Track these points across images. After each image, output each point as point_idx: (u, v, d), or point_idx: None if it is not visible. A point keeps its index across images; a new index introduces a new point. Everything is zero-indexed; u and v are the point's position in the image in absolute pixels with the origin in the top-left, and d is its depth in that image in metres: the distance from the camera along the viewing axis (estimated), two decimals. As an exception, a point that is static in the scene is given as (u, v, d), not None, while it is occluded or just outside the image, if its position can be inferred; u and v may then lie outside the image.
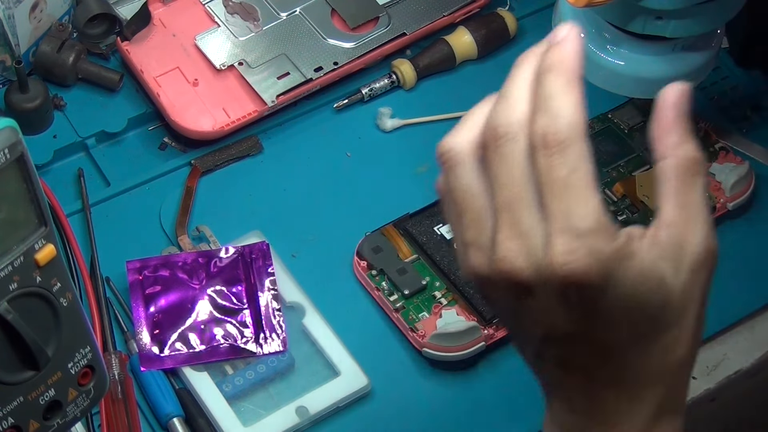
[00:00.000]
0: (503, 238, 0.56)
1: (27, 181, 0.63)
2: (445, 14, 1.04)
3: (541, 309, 0.57)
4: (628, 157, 0.97)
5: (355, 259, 0.91)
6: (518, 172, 0.57)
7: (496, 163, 0.57)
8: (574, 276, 0.55)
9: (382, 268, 0.90)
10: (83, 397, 0.70)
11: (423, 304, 0.89)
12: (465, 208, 0.59)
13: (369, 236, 0.91)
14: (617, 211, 0.94)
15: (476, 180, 0.59)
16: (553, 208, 0.55)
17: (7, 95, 0.96)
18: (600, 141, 0.98)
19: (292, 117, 1.00)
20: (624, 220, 0.93)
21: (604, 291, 0.56)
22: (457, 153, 0.60)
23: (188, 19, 1.02)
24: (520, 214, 0.56)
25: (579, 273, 0.55)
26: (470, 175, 0.59)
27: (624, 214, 0.94)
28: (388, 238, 0.92)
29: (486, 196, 0.58)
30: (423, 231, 0.92)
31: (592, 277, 0.55)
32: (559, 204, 0.55)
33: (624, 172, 0.97)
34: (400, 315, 0.88)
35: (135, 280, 0.89)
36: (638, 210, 0.94)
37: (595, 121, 0.99)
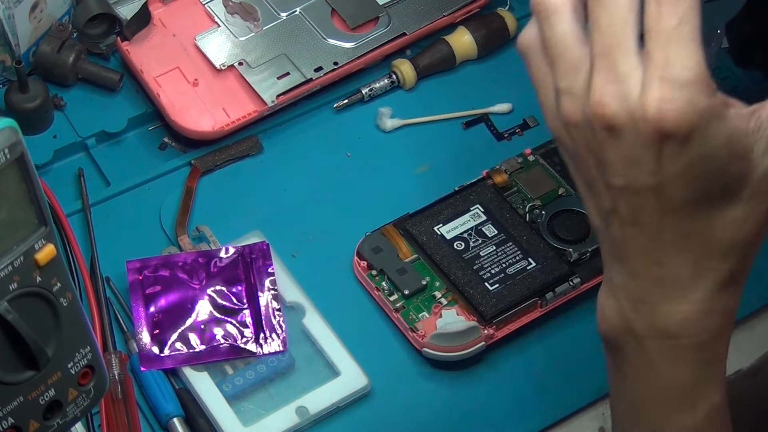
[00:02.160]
0: (600, 82, 0.57)
1: (27, 181, 0.62)
2: (445, 14, 1.04)
3: (626, 158, 0.58)
4: None
5: (355, 259, 0.91)
6: (620, 17, 0.57)
7: (597, 7, 0.58)
8: (666, 123, 0.56)
9: (382, 268, 0.90)
10: (83, 397, 0.70)
11: (423, 304, 0.89)
12: (560, 56, 0.60)
13: (369, 236, 0.91)
14: None
15: (573, 27, 0.59)
16: (656, 56, 0.56)
17: (7, 95, 0.96)
18: None
19: (292, 117, 1.00)
20: None
21: (691, 144, 0.57)
22: (554, 1, 0.60)
23: (188, 19, 1.02)
24: (619, 59, 0.57)
25: (672, 121, 0.56)
26: (567, 24, 0.60)
27: None
28: (388, 238, 0.92)
29: (582, 45, 0.59)
30: (423, 231, 0.92)
31: (683, 127, 0.56)
32: (663, 52, 0.56)
33: None
34: (400, 315, 0.88)
35: (135, 280, 0.89)
36: None
37: None
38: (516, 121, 1.01)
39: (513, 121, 1.01)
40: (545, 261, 0.90)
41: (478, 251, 0.90)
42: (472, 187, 0.94)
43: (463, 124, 1.01)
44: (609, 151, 0.59)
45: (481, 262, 0.90)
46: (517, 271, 0.90)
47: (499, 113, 1.02)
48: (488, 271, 0.90)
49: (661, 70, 0.56)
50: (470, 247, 0.91)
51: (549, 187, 0.95)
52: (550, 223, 0.92)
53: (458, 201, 0.93)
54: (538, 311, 0.89)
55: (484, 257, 0.90)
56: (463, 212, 0.93)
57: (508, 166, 0.95)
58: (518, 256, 0.90)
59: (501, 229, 0.92)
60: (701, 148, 0.57)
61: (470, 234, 0.91)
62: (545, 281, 0.89)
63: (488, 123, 1.01)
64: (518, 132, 1.01)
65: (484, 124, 1.01)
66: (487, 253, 0.90)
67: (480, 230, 0.92)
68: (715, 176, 0.59)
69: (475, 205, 0.93)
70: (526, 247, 0.91)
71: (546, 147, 0.97)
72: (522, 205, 0.94)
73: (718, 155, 0.58)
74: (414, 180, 0.97)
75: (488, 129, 1.01)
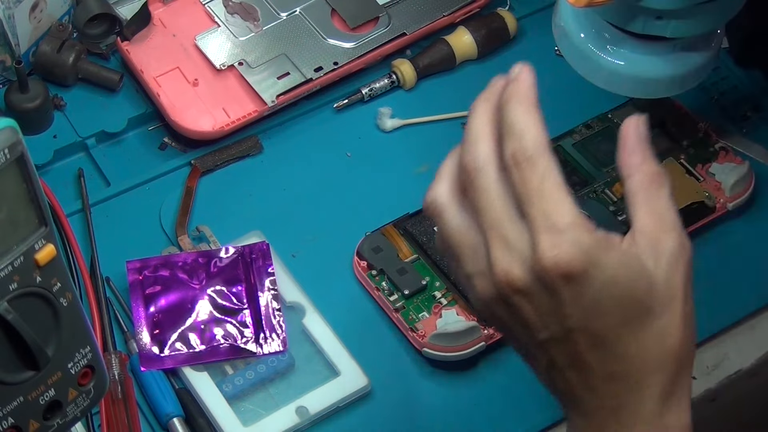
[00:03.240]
0: (495, 254, 0.64)
1: (27, 181, 0.63)
2: (445, 14, 1.04)
3: (542, 311, 0.63)
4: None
5: (355, 259, 0.91)
6: (495, 196, 0.64)
7: (475, 196, 0.65)
8: (560, 265, 0.62)
9: (382, 268, 0.90)
10: (83, 397, 0.70)
11: (423, 304, 0.89)
12: (460, 245, 0.66)
13: (369, 236, 0.91)
14: (617, 211, 0.94)
15: (463, 219, 0.66)
16: (533, 214, 0.63)
17: (7, 95, 0.96)
18: (600, 141, 0.98)
19: (292, 117, 1.00)
20: (624, 220, 0.93)
21: (590, 278, 0.62)
22: (440, 203, 0.68)
23: (188, 19, 1.02)
24: (505, 229, 0.64)
25: (564, 262, 0.62)
26: (456, 217, 0.67)
27: (624, 214, 0.94)
28: (388, 238, 0.92)
29: (475, 230, 0.65)
30: (423, 231, 0.92)
31: (576, 265, 0.62)
32: (537, 209, 0.63)
33: None
34: (400, 315, 0.88)
35: (135, 280, 0.89)
36: None
37: (595, 120, 0.99)
38: (516, 121, 1.01)
39: (513, 121, 1.01)
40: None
41: None
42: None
43: (463, 124, 1.01)
44: (526, 312, 0.64)
45: None
46: None
47: (499, 113, 1.02)
48: None
49: (541, 223, 0.62)
50: None
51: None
52: None
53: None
54: None
55: None
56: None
57: None
58: None
59: None
60: (600, 278, 0.62)
61: None
62: None
63: (488, 123, 1.01)
64: (518, 132, 1.01)
65: (484, 124, 1.01)
66: None
67: None
68: (623, 299, 0.63)
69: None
70: None
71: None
72: None
73: (617, 280, 0.63)
74: (414, 180, 0.97)
75: (488, 129, 1.01)
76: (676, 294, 0.64)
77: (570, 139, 0.98)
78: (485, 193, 0.65)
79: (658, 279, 0.64)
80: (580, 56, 0.88)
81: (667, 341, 0.65)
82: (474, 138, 0.67)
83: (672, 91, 0.89)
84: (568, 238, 0.62)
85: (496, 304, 0.65)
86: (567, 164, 0.96)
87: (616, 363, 0.65)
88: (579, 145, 0.98)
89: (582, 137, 0.99)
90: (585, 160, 0.97)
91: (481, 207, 0.65)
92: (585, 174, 0.96)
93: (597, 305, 0.63)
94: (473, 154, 0.66)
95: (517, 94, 0.65)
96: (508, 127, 0.65)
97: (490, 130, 0.66)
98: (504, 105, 0.65)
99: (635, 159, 0.66)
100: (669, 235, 0.65)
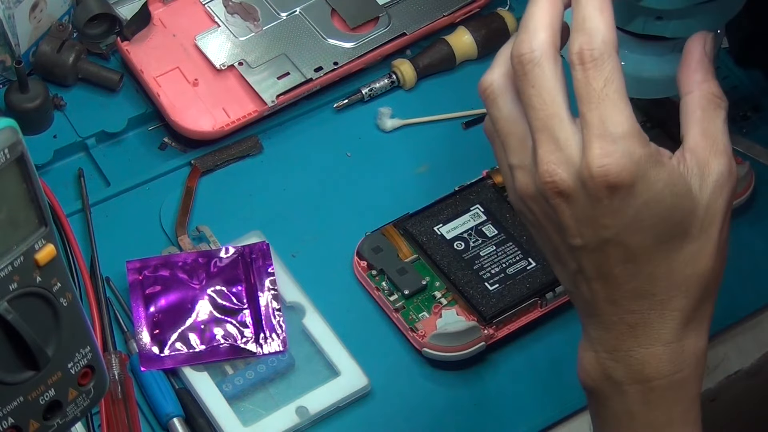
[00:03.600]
0: (543, 153, 0.62)
1: (27, 181, 0.63)
2: (445, 14, 1.04)
3: (580, 218, 0.62)
4: None
5: (355, 259, 0.91)
6: (547, 94, 0.62)
7: (526, 89, 0.63)
8: (609, 176, 0.60)
9: (382, 268, 0.90)
10: (83, 397, 0.70)
11: (423, 304, 0.89)
12: (508, 134, 0.65)
13: (369, 236, 0.91)
14: None
15: (515, 107, 0.65)
16: (589, 117, 0.61)
17: (7, 95, 0.96)
18: None
19: (292, 117, 1.00)
20: None
21: (636, 192, 0.61)
22: (495, 87, 0.66)
23: (188, 19, 1.02)
24: (556, 129, 0.62)
25: (614, 173, 0.60)
26: (509, 105, 0.65)
27: None
28: (388, 238, 0.92)
29: (526, 121, 0.64)
30: (423, 231, 0.92)
31: (625, 177, 0.61)
32: (595, 113, 0.61)
33: None
34: (400, 315, 0.88)
35: (135, 280, 0.89)
36: None
37: None
38: (516, 121, 1.01)
39: (513, 121, 1.01)
40: (545, 261, 0.90)
41: (478, 251, 0.91)
42: (472, 187, 0.94)
43: (463, 124, 1.01)
44: (564, 216, 0.63)
45: (481, 262, 0.90)
46: (517, 271, 0.90)
47: (499, 113, 1.02)
48: (488, 271, 0.90)
49: (596, 129, 0.61)
50: (470, 247, 0.91)
51: None
52: None
53: (458, 201, 0.93)
54: (538, 311, 0.89)
55: (484, 257, 0.90)
56: (463, 212, 0.93)
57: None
58: (518, 256, 0.90)
59: (501, 229, 0.92)
60: (646, 194, 0.61)
61: (470, 234, 0.91)
62: (545, 281, 0.89)
63: (488, 123, 1.01)
64: (518, 132, 1.01)
65: (484, 124, 1.01)
66: (487, 253, 0.90)
67: (480, 230, 0.92)
68: (664, 218, 0.62)
69: (475, 205, 0.93)
70: (526, 247, 0.91)
71: None
72: None
73: (662, 198, 0.62)
74: (414, 180, 0.97)
75: (488, 129, 1.01)
76: (714, 220, 0.64)
77: None
78: (538, 88, 0.63)
79: (700, 202, 0.63)
80: (580, 56, 0.88)
81: (697, 266, 0.64)
82: (533, 27, 0.64)
83: (672, 91, 0.89)
84: (621, 148, 0.61)
85: (534, 201, 0.64)
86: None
87: (643, 281, 0.64)
88: None
89: None
90: None
91: (532, 103, 0.63)
92: None
93: (637, 221, 0.62)
94: (530, 44, 0.64)
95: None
96: (578, 22, 0.63)
97: (550, 21, 0.64)
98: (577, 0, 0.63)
99: (698, 76, 0.65)
100: (719, 159, 0.64)
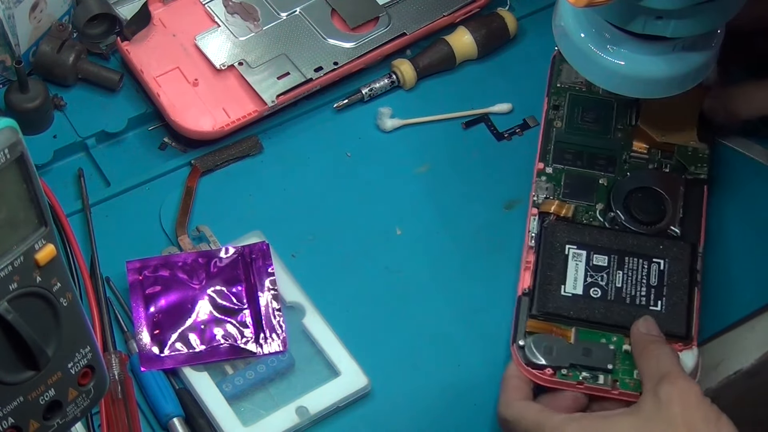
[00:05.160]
0: None
1: (27, 181, 0.63)
2: (445, 14, 1.04)
3: None
4: (622, 116, 0.97)
5: (534, 373, 0.84)
6: None
7: None
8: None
9: (570, 362, 0.84)
10: (83, 397, 0.70)
11: (625, 363, 0.85)
12: None
13: (526, 344, 0.85)
14: (657, 163, 0.95)
15: None
16: None
17: (7, 95, 0.96)
18: (588, 111, 0.97)
19: (292, 117, 1.00)
20: (673, 167, 0.94)
21: None
22: None
23: (188, 19, 1.02)
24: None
25: None
26: None
27: (662, 164, 0.95)
28: (541, 331, 0.86)
29: None
30: (559, 304, 0.87)
31: None
32: None
33: (627, 126, 0.96)
34: (620, 389, 0.84)
35: (135, 280, 0.89)
36: (671, 152, 0.95)
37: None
38: (516, 121, 1.01)
39: (513, 121, 1.01)
40: (666, 251, 0.89)
41: (612, 284, 0.88)
42: (546, 235, 0.89)
43: (463, 124, 1.01)
44: None
45: (625, 292, 0.87)
46: (657, 278, 0.88)
47: (499, 113, 1.02)
48: (638, 294, 0.87)
49: None
50: (605, 286, 0.88)
51: (594, 188, 0.93)
52: (628, 214, 0.91)
53: (546, 254, 0.89)
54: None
55: (622, 286, 0.88)
56: (563, 261, 0.89)
57: (546, 192, 0.93)
58: (644, 264, 0.88)
59: (607, 251, 0.89)
60: None
61: (590, 275, 0.88)
62: (690, 266, 0.88)
63: (488, 123, 1.01)
64: (518, 132, 1.01)
65: (484, 124, 1.01)
66: (621, 279, 0.88)
67: (594, 265, 0.88)
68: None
69: (564, 247, 0.89)
70: (641, 250, 0.89)
71: (550, 155, 0.95)
72: (592, 216, 0.92)
73: None
74: (414, 180, 0.97)
75: (488, 129, 1.01)
76: None
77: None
78: None
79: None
80: (581, 56, 0.88)
81: None
82: None
83: (672, 91, 0.89)
84: None
85: None
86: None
87: None
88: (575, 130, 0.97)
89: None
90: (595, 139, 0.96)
91: None
92: (604, 151, 0.96)
93: None
94: None
95: None
96: None
97: None
98: None
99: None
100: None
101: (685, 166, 0.94)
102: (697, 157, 0.95)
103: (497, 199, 0.97)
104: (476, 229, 0.95)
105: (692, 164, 0.95)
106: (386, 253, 0.94)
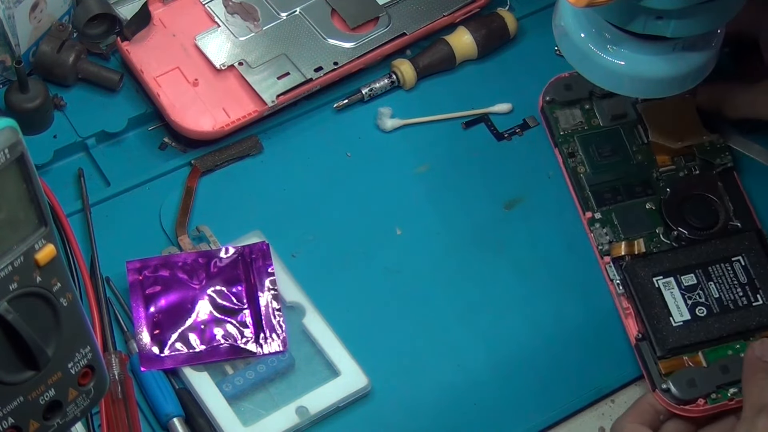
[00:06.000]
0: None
1: (27, 181, 0.63)
2: (445, 14, 1.04)
3: None
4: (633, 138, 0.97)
5: (688, 408, 0.85)
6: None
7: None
8: None
9: (717, 385, 0.85)
10: (83, 397, 0.70)
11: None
12: None
13: (670, 383, 0.85)
14: (686, 169, 0.95)
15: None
16: None
17: (7, 95, 0.96)
18: (602, 146, 0.97)
19: (292, 117, 1.00)
20: (701, 166, 0.95)
21: None
22: None
23: (188, 19, 1.02)
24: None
25: None
26: None
27: (691, 168, 0.95)
28: (679, 367, 0.86)
29: None
30: (677, 336, 0.87)
31: None
32: None
33: (642, 146, 0.97)
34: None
35: (135, 280, 0.89)
36: (692, 153, 0.96)
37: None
38: (516, 121, 1.01)
39: (513, 121, 1.01)
40: (738, 246, 0.90)
41: (711, 297, 0.88)
42: (631, 278, 0.89)
43: (463, 124, 1.01)
44: None
45: (726, 298, 0.88)
46: (743, 271, 0.89)
47: (499, 113, 1.02)
48: (739, 300, 0.88)
49: None
50: (705, 302, 0.88)
51: (645, 215, 0.93)
52: (689, 227, 0.92)
53: (641, 294, 0.89)
54: None
55: (720, 294, 0.88)
56: (658, 295, 0.89)
57: (608, 237, 0.92)
58: (728, 268, 0.89)
59: (688, 269, 0.89)
60: None
61: (688, 297, 0.88)
62: (766, 251, 0.89)
63: (488, 123, 1.01)
64: (518, 132, 1.01)
65: (484, 124, 1.01)
66: (715, 288, 0.89)
67: (686, 287, 0.89)
68: None
69: (651, 282, 0.89)
70: (718, 254, 0.89)
71: (592, 201, 0.95)
72: (659, 241, 0.92)
73: None
74: (414, 180, 0.97)
75: (488, 129, 1.01)
76: None
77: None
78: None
79: None
80: (581, 56, 0.88)
81: None
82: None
83: (672, 91, 0.89)
84: None
85: None
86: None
87: None
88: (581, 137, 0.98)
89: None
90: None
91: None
92: (635, 178, 0.96)
93: None
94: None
95: None
96: None
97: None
98: None
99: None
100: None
101: (709, 161, 0.95)
102: (716, 149, 0.96)
103: (497, 199, 0.97)
104: (476, 229, 0.95)
105: (715, 157, 0.96)
106: (386, 253, 0.94)
